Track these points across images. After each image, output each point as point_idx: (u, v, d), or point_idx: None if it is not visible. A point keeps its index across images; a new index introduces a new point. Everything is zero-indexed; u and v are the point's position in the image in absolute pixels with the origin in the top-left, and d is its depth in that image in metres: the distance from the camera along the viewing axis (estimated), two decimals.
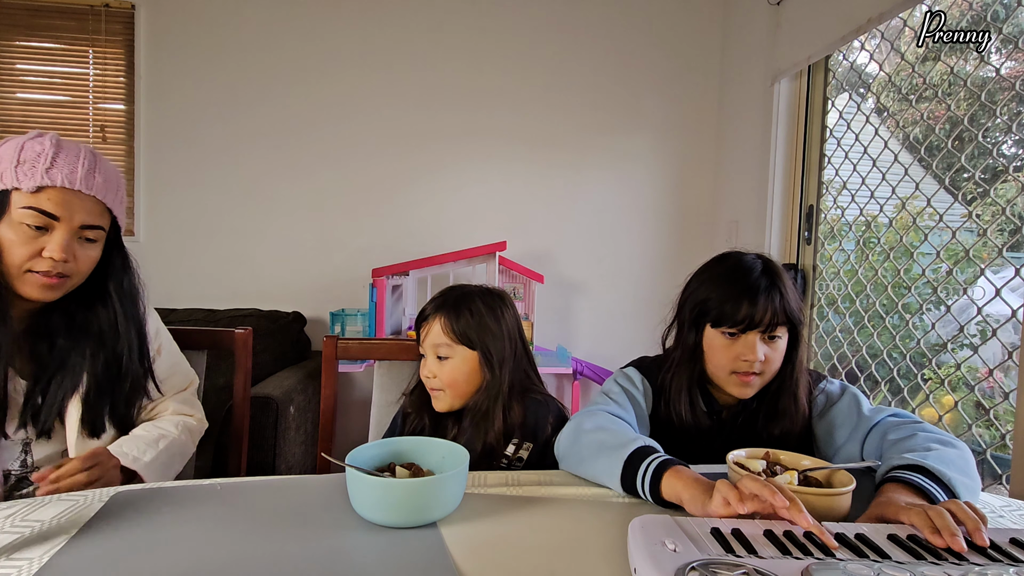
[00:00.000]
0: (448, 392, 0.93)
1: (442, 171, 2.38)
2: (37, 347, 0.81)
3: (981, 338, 1.34)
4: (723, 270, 0.87)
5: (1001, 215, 1.33)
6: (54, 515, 0.59)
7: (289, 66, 2.30)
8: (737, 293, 0.82)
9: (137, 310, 0.88)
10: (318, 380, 1.93)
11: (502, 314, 0.94)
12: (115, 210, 0.83)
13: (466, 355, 0.92)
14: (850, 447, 0.82)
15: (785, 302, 0.82)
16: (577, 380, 2.32)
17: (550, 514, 0.63)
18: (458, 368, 0.92)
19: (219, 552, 0.52)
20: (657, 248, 2.47)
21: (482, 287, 0.98)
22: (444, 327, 0.92)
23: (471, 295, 0.95)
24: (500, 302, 0.96)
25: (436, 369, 0.93)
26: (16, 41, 2.21)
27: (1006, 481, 1.25)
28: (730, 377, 0.84)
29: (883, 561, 0.46)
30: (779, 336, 0.83)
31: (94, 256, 0.81)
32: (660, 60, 2.43)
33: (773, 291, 0.82)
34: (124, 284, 0.86)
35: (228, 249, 2.33)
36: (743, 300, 0.81)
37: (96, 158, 0.80)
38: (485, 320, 0.92)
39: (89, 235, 0.79)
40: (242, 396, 1.11)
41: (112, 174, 0.82)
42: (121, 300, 0.85)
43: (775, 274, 0.84)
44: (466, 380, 0.92)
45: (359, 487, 0.59)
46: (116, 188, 0.83)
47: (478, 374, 0.92)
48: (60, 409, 0.81)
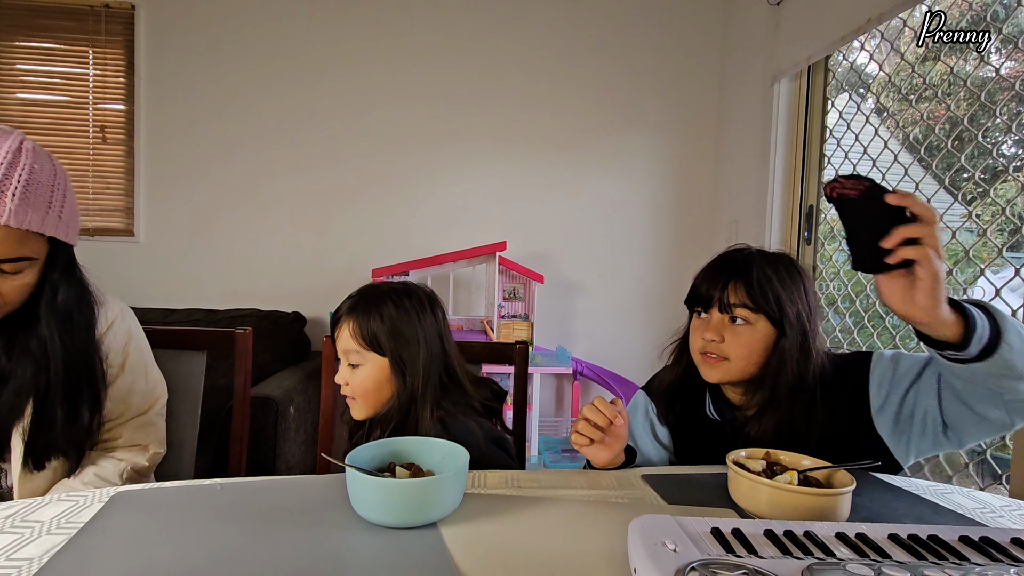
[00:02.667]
0: (360, 401, 0.86)
1: (442, 171, 2.38)
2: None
3: None
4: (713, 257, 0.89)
5: (1001, 215, 1.33)
6: (54, 515, 0.59)
7: (289, 66, 2.30)
8: (706, 273, 0.86)
9: (79, 331, 0.77)
10: (318, 380, 1.92)
11: (419, 317, 0.86)
12: (46, 231, 0.70)
13: (377, 362, 0.84)
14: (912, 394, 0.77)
15: (755, 289, 0.79)
16: (577, 380, 2.32)
17: (550, 514, 0.63)
18: (369, 376, 0.84)
19: (219, 552, 0.52)
20: (657, 248, 2.47)
21: (399, 285, 0.89)
22: (353, 331, 0.84)
23: (383, 296, 0.86)
24: (417, 303, 0.87)
25: (348, 376, 0.85)
26: (16, 41, 2.21)
27: (1006, 481, 1.25)
28: (701, 359, 0.85)
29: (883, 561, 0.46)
30: (743, 320, 0.81)
31: (22, 284, 0.71)
32: (660, 60, 2.43)
33: (745, 274, 0.81)
34: (57, 304, 0.75)
35: (228, 249, 2.33)
36: (708, 278, 0.84)
37: (13, 172, 0.66)
38: (398, 324, 0.84)
39: (7, 268, 0.69)
40: (242, 396, 1.11)
41: (40, 186, 0.69)
42: (51, 324, 0.74)
43: (754, 263, 0.82)
44: (377, 389, 0.85)
45: (359, 487, 0.59)
46: (46, 203, 0.70)
47: (391, 382, 0.85)
48: (5, 432, 0.75)
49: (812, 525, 0.52)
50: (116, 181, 2.27)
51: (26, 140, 0.70)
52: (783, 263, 0.84)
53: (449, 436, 0.78)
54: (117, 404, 0.86)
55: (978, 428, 0.73)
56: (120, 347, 0.86)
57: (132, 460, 0.86)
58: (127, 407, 0.87)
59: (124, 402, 0.87)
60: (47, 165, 0.71)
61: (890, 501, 0.70)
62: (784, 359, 0.80)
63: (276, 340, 2.05)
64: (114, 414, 0.86)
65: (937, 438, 0.76)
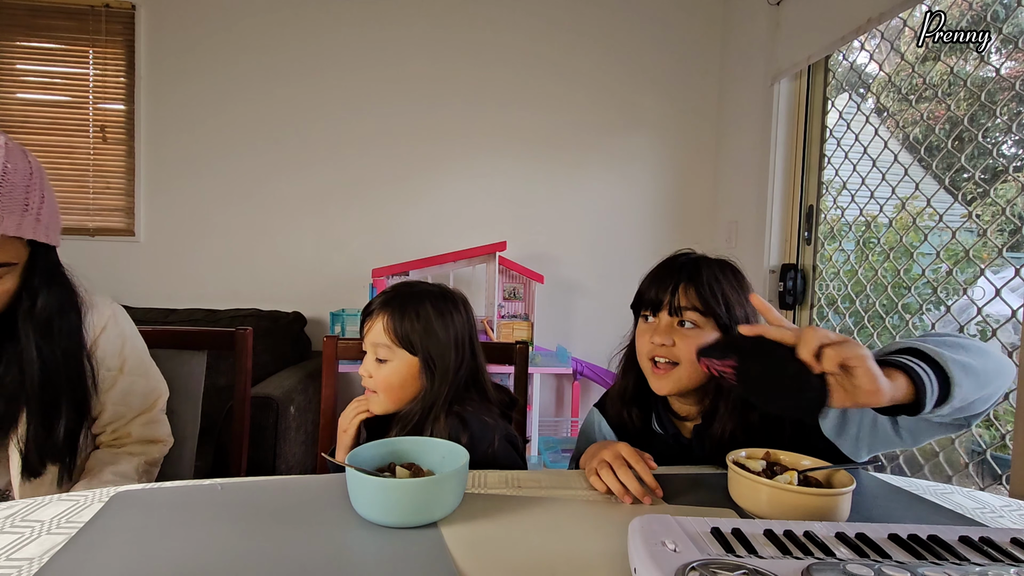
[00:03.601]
0: (382, 395, 0.87)
1: (443, 171, 2.39)
2: None
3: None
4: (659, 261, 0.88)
5: (1001, 215, 1.33)
6: (54, 515, 0.59)
7: (289, 66, 2.30)
8: (652, 276, 0.84)
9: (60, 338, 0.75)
10: (318, 380, 1.93)
11: (452, 320, 0.87)
12: (23, 233, 0.66)
13: (406, 359, 0.85)
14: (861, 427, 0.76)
15: (700, 283, 0.79)
16: (577, 380, 2.32)
17: (550, 514, 0.63)
18: (396, 372, 0.85)
19: (219, 552, 0.52)
20: (657, 248, 2.47)
21: (436, 287, 0.90)
22: (386, 327, 0.85)
23: (421, 296, 0.87)
24: (452, 306, 0.88)
25: (373, 369, 0.86)
26: (16, 41, 2.21)
27: (1006, 481, 1.24)
28: (648, 366, 0.83)
29: (883, 561, 0.46)
30: (692, 324, 0.80)
31: (3, 291, 0.69)
32: (660, 60, 2.43)
33: (694, 277, 0.80)
34: (36, 312, 0.72)
35: (228, 249, 2.33)
36: (656, 282, 0.82)
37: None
38: (432, 325, 0.85)
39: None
40: (242, 396, 1.11)
41: (15, 187, 0.65)
42: (27, 333, 0.72)
43: (703, 266, 0.82)
44: (402, 385, 0.86)
45: (359, 487, 0.59)
46: (22, 204, 0.66)
47: (417, 380, 0.86)
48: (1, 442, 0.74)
49: (812, 525, 0.52)
50: (116, 181, 2.28)
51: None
52: (729, 268, 0.84)
53: (466, 430, 0.81)
54: (118, 406, 0.86)
55: (933, 432, 0.73)
56: (116, 351, 0.85)
57: (146, 453, 0.87)
58: (128, 408, 0.87)
59: (125, 403, 0.86)
60: (21, 163, 0.67)
61: (890, 501, 0.70)
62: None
63: (276, 340, 2.05)
64: (117, 415, 0.86)
65: (888, 436, 0.75)
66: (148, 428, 0.89)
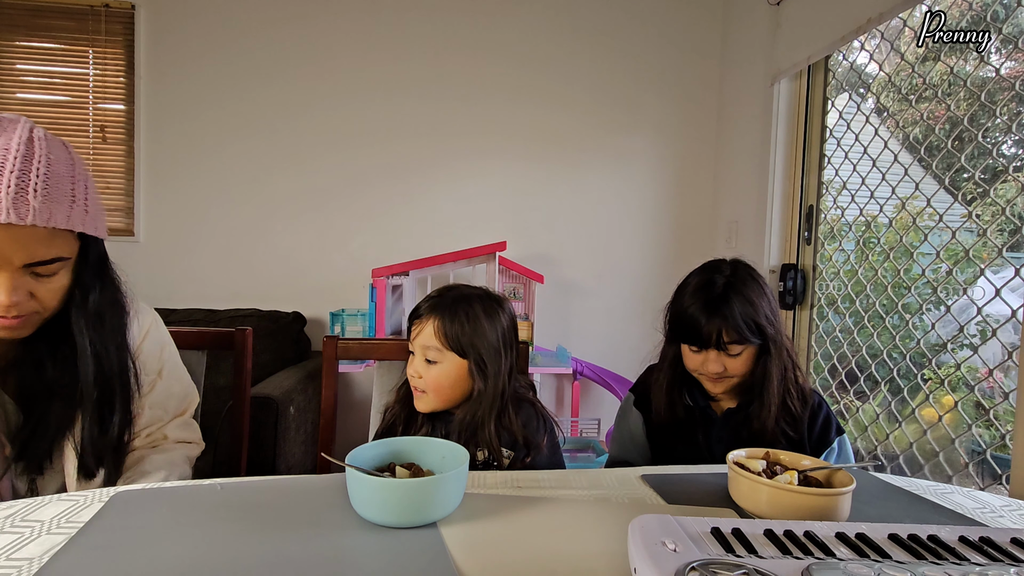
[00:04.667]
0: (431, 395, 0.89)
1: (443, 172, 2.38)
2: (24, 377, 0.72)
3: (981, 338, 1.34)
4: (684, 290, 0.96)
5: (1001, 215, 1.33)
6: (54, 515, 0.59)
7: (289, 66, 2.30)
8: (692, 317, 0.92)
9: (111, 335, 0.74)
10: (318, 380, 1.93)
11: (498, 321, 0.90)
12: (74, 226, 0.65)
13: (456, 361, 0.88)
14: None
15: (736, 322, 0.89)
16: (577, 380, 2.32)
17: (550, 514, 0.63)
18: (445, 373, 0.88)
19: (219, 552, 0.52)
20: (657, 248, 2.47)
21: (481, 290, 0.93)
22: (437, 330, 0.87)
23: (469, 299, 0.90)
24: (498, 307, 0.91)
25: (423, 370, 0.89)
26: (16, 41, 2.21)
27: (1006, 481, 1.24)
28: (702, 378, 0.96)
29: (883, 561, 0.46)
30: (736, 353, 0.91)
31: (59, 287, 0.68)
32: (660, 60, 2.43)
33: (724, 312, 0.89)
34: (89, 308, 0.71)
35: (228, 249, 2.33)
36: (697, 324, 0.91)
37: (30, 166, 0.61)
38: (481, 326, 0.88)
39: (41, 271, 0.65)
40: (242, 396, 1.11)
41: (60, 178, 0.63)
42: (82, 330, 0.71)
43: (734, 299, 0.90)
44: (452, 386, 0.89)
45: (359, 487, 0.59)
46: (69, 197, 0.64)
47: (466, 381, 0.89)
48: (51, 445, 0.72)
49: (812, 525, 0.52)
50: (116, 181, 2.28)
51: (36, 128, 0.65)
52: (749, 277, 0.94)
53: (531, 430, 0.89)
54: (156, 409, 0.86)
55: None
56: (157, 355, 0.86)
57: (187, 452, 0.88)
58: (165, 411, 0.88)
59: (163, 407, 0.87)
60: (63, 154, 0.66)
61: (890, 501, 0.70)
62: (767, 369, 0.93)
63: (276, 340, 2.05)
64: (154, 419, 0.86)
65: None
66: (183, 431, 0.90)
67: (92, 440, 0.73)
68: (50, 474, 0.75)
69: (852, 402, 1.75)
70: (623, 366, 2.38)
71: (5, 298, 0.62)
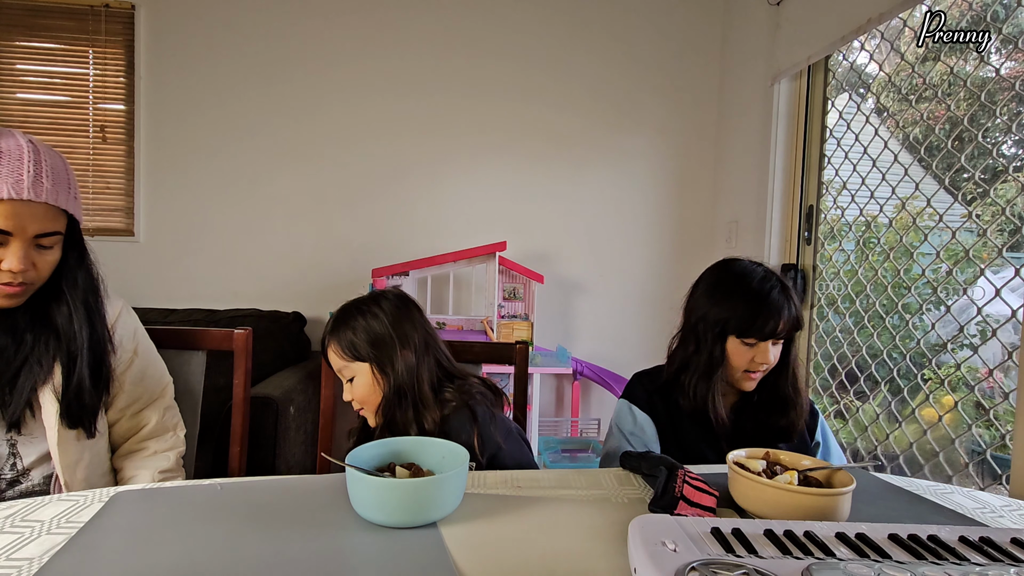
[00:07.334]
0: (368, 410, 0.93)
1: (443, 172, 2.38)
2: (3, 345, 0.80)
3: (981, 338, 1.34)
4: (738, 287, 0.95)
5: (1001, 215, 1.33)
6: (54, 515, 0.59)
7: (289, 66, 2.30)
8: (765, 311, 0.92)
9: (94, 304, 0.86)
10: (318, 380, 1.92)
11: (392, 318, 0.91)
12: (69, 208, 0.80)
13: (363, 368, 0.90)
14: None
15: (798, 311, 0.94)
16: (577, 380, 2.32)
17: (550, 514, 0.63)
18: (362, 384, 0.91)
19: (219, 552, 0.52)
20: (657, 248, 2.47)
21: (367, 295, 0.96)
22: (335, 350, 0.92)
23: (347, 308, 0.94)
24: (387, 305, 0.93)
25: (348, 391, 0.93)
26: (16, 41, 2.21)
27: (1006, 481, 1.24)
28: (742, 375, 0.96)
29: (883, 561, 0.46)
30: (779, 343, 0.95)
31: (52, 259, 0.80)
32: (660, 60, 2.43)
33: (790, 303, 0.93)
34: (78, 280, 0.83)
35: (228, 249, 2.33)
36: (770, 317, 0.91)
37: (40, 158, 0.75)
38: (360, 323, 0.91)
39: (44, 242, 0.77)
40: (242, 396, 1.11)
41: (59, 170, 0.78)
42: (73, 296, 0.83)
43: (785, 285, 0.94)
44: (374, 392, 0.91)
45: (359, 487, 0.59)
46: (67, 185, 0.79)
47: (381, 383, 0.90)
48: (29, 399, 0.81)
49: (812, 525, 0.52)
50: (116, 181, 2.27)
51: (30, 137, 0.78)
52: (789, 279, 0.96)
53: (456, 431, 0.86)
54: (135, 387, 0.94)
55: None
56: (130, 334, 0.94)
57: (177, 445, 0.97)
58: (144, 391, 0.95)
59: (142, 385, 0.95)
60: (56, 153, 0.81)
61: (890, 501, 0.70)
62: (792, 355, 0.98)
63: (276, 340, 2.04)
64: (134, 398, 0.94)
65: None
66: (167, 415, 0.97)
67: (76, 392, 0.82)
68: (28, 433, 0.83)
69: (852, 402, 1.75)
70: (623, 366, 2.39)
71: (18, 264, 0.74)
